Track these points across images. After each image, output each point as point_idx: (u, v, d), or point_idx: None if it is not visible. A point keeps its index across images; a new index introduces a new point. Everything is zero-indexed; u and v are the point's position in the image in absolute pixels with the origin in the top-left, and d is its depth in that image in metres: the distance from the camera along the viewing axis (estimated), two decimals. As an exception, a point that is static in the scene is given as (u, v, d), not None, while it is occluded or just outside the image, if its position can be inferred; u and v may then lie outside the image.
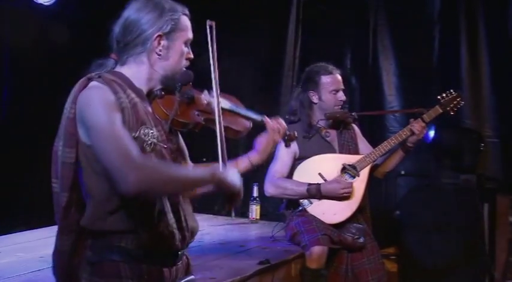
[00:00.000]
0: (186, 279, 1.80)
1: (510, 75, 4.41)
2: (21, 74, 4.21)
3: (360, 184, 3.23)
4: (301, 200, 3.23)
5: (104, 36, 1.80)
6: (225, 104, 1.93)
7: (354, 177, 3.24)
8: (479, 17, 4.49)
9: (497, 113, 4.45)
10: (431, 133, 4.22)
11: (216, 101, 1.81)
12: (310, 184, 3.16)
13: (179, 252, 1.75)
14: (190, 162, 1.91)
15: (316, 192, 3.15)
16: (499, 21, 4.42)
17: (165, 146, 1.70)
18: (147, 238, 1.65)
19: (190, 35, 1.77)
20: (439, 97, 3.32)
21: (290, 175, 3.28)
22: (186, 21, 1.76)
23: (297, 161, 3.29)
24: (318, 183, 3.16)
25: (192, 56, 1.79)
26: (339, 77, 3.34)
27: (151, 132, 1.65)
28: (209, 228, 4.05)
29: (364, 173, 3.24)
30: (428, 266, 4.03)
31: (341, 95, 3.31)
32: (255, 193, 4.29)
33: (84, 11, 4.36)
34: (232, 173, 1.71)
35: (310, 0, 5.08)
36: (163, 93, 1.77)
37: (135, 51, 1.70)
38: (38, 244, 3.24)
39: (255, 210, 4.32)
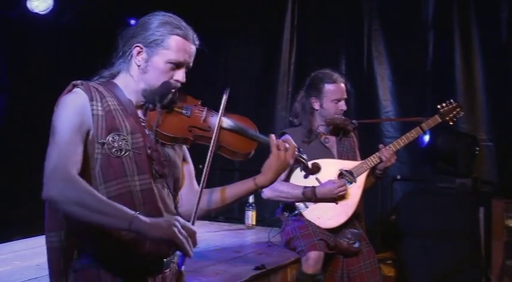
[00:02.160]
0: None
1: (504, 79, 4.45)
2: (18, 83, 4.23)
3: (356, 190, 3.23)
4: (297, 204, 3.23)
5: (99, 45, 1.82)
6: (227, 122, 1.83)
7: (351, 183, 3.23)
8: (472, 22, 4.53)
9: (492, 117, 4.49)
10: (426, 137, 4.24)
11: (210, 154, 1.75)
12: (305, 187, 3.16)
13: (164, 260, 1.74)
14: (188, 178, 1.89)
15: (311, 194, 3.15)
16: (492, 26, 4.46)
17: (140, 153, 1.68)
18: (116, 241, 1.63)
19: (176, 56, 1.71)
20: (438, 106, 3.28)
21: (288, 179, 3.29)
22: (174, 42, 1.71)
23: (294, 165, 3.29)
24: (313, 186, 3.16)
25: (181, 80, 1.75)
26: (343, 86, 3.30)
27: (123, 139, 1.67)
28: (205, 235, 4.06)
29: (361, 180, 3.24)
30: (425, 270, 4.03)
31: (342, 104, 3.29)
32: (251, 199, 4.30)
33: (79, 19, 4.39)
34: (161, 227, 1.50)
35: (305, 7, 5.12)
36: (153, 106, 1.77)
37: (122, 61, 1.76)
38: (35, 252, 3.24)
39: (251, 216, 4.33)
